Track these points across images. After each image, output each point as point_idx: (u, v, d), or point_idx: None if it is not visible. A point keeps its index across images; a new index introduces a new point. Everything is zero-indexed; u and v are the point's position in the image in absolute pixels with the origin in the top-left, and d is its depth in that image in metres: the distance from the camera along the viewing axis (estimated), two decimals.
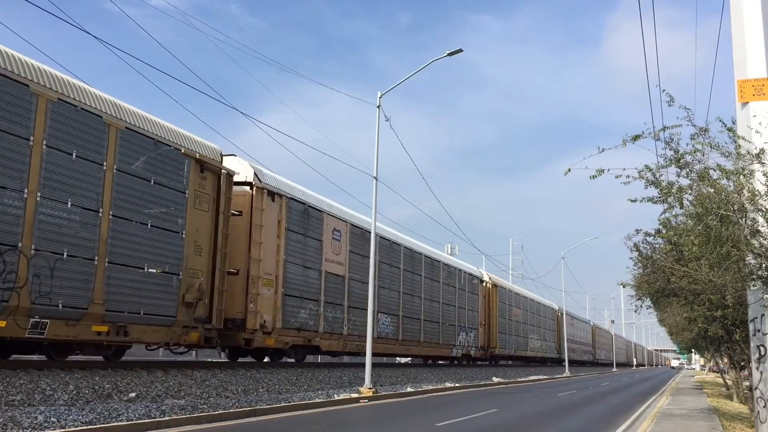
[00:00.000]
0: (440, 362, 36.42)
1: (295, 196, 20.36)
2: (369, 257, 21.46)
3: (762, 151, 8.22)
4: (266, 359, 21.20)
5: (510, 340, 43.78)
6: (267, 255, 18.44)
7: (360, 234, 24.04)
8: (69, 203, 12.32)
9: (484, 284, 40.34)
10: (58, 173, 12.14)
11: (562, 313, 58.89)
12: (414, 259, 29.48)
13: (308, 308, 20.47)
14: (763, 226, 8.08)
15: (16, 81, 11.47)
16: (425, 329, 30.04)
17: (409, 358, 38.23)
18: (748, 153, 8.32)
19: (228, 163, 17.51)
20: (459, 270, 35.79)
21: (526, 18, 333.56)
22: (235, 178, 17.56)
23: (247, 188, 18.39)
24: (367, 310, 20.38)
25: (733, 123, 8.83)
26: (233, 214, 17.50)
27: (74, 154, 12.48)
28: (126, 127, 13.76)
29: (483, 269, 43.25)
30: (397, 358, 39.28)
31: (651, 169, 8.90)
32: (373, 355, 21.99)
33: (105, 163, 13.16)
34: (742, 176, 8.16)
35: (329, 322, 21.65)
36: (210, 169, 16.23)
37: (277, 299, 18.78)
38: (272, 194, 18.97)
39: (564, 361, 53.85)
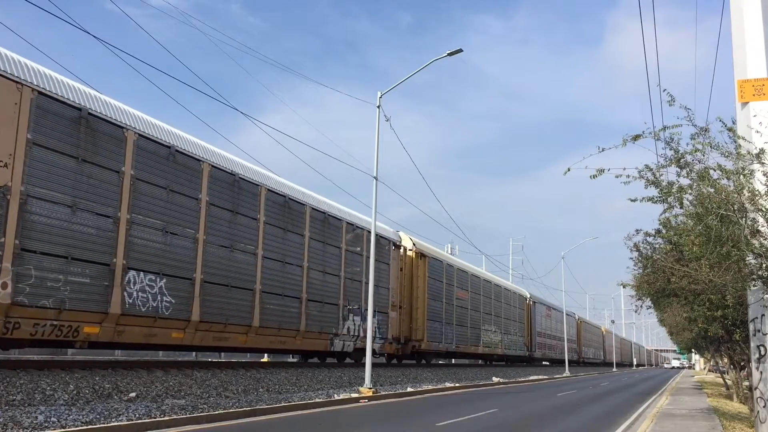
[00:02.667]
0: (311, 360, 25.54)
1: None
2: (105, 167, 13.76)
3: (762, 151, 8.23)
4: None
5: (448, 331, 32.88)
6: None
7: (73, 119, 13.20)
8: None
9: (402, 251, 29.05)
10: None
11: (534, 302, 51.41)
12: (243, 192, 18.19)
13: None
14: (763, 226, 8.09)
15: None
16: (267, 307, 18.74)
17: (272, 356, 28.12)
18: (748, 153, 8.33)
19: None
20: (350, 224, 23.84)
21: (528, 17, 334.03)
22: None
23: None
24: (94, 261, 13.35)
25: (733, 123, 8.85)
26: None
27: None
28: None
29: (406, 233, 30.67)
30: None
31: (651, 169, 8.92)
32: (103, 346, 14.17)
33: None
34: (742, 176, 8.17)
35: None
36: None
37: None
38: None
39: (534, 359, 49.51)
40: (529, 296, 51.33)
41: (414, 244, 30.24)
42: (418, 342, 29.63)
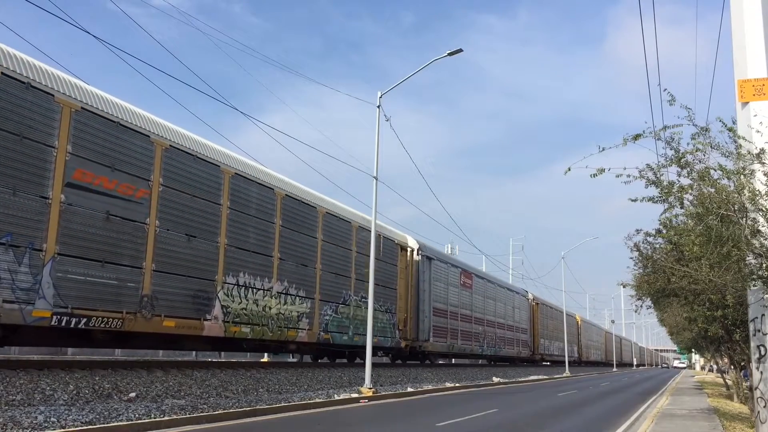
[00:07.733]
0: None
1: None
2: None
3: (762, 150, 8.22)
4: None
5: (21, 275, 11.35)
6: None
7: None
8: None
9: None
10: None
11: (427, 257, 30.51)
12: None
13: None
14: (763, 226, 8.08)
15: None
16: None
17: None
18: (749, 153, 8.32)
19: None
20: None
21: (530, 16, 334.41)
22: None
23: None
24: None
25: (734, 123, 8.84)
26: None
27: None
28: None
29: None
30: None
31: (652, 169, 8.91)
32: None
33: None
34: (742, 176, 8.17)
35: None
36: None
37: None
38: None
39: (427, 354, 31.62)
40: (416, 247, 30.04)
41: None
42: None
